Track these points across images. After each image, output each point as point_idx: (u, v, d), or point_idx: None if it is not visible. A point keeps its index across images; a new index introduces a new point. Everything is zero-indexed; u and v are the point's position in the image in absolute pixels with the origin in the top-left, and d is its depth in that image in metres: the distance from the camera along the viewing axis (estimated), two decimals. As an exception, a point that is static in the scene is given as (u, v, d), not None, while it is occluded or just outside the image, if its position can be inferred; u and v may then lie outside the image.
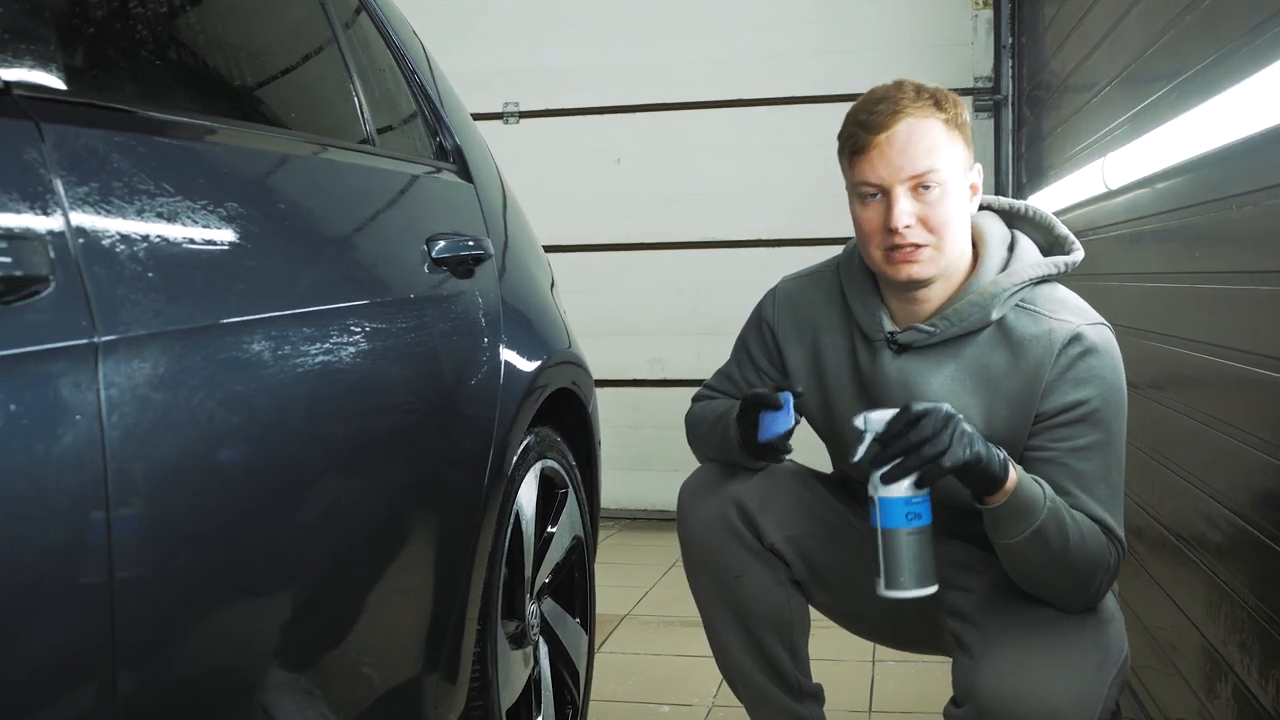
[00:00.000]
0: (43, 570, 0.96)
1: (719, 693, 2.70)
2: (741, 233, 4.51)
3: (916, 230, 1.66)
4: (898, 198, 1.65)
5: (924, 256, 1.67)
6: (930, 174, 1.65)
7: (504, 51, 4.59)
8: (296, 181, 1.48)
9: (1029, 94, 4.01)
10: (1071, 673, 1.62)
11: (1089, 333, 1.69)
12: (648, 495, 4.57)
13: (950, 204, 1.68)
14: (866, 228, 1.70)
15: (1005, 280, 1.72)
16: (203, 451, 1.15)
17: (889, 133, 1.66)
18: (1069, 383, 1.67)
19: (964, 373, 1.74)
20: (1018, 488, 1.59)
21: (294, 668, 1.35)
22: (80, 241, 1.02)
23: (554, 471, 2.20)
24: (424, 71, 2.17)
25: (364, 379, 1.46)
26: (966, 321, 1.72)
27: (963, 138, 1.72)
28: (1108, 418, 1.68)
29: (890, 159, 1.65)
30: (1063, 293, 1.77)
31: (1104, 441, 1.67)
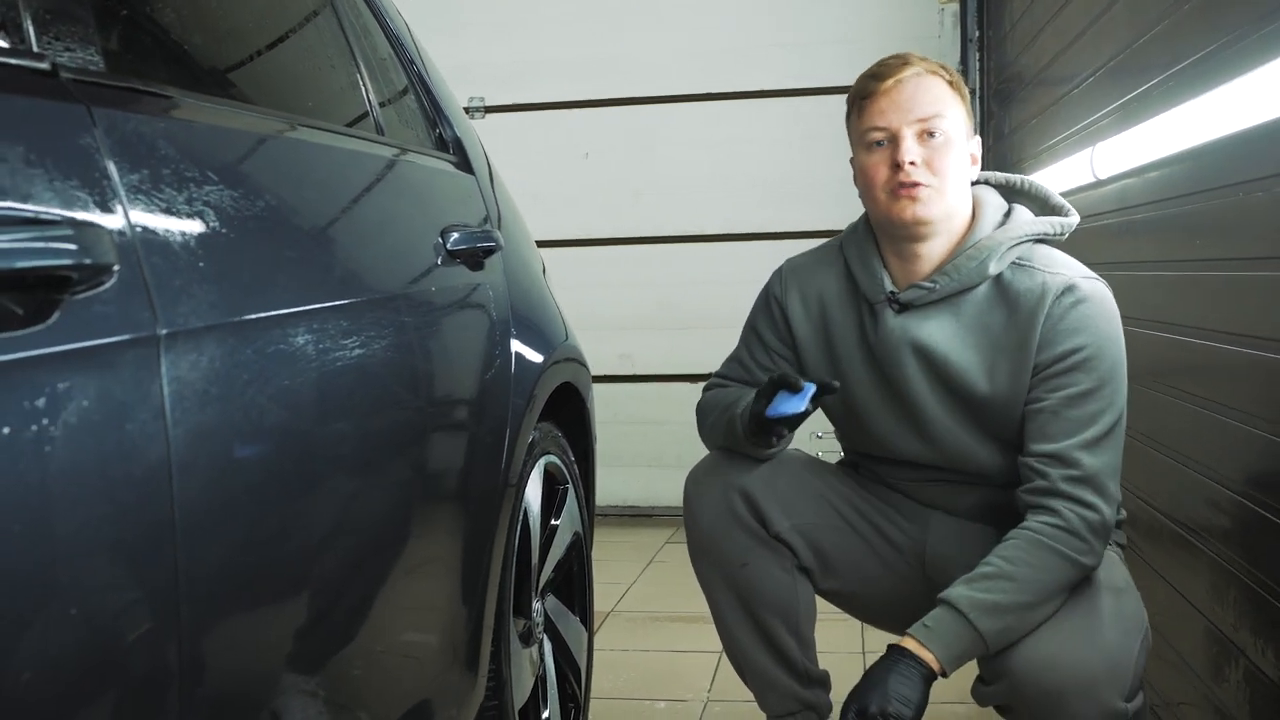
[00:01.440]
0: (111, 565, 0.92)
1: (714, 687, 2.69)
2: (711, 227, 4.50)
3: (921, 170, 1.72)
4: (904, 138, 1.72)
5: (926, 195, 1.72)
6: (936, 120, 1.73)
7: (470, 45, 4.53)
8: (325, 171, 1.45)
9: (997, 88, 4.04)
10: (1101, 641, 1.63)
11: (1082, 284, 1.73)
12: (618, 491, 4.55)
13: (953, 155, 1.74)
14: (872, 173, 1.75)
15: (1001, 235, 1.77)
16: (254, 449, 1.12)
17: (898, 79, 1.74)
18: (1063, 332, 1.71)
19: (965, 329, 1.77)
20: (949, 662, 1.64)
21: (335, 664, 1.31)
22: (138, 230, 0.99)
23: (556, 467, 2.18)
24: (419, 60, 2.13)
25: (396, 373, 1.43)
26: (965, 276, 1.76)
27: (964, 105, 1.79)
28: (1102, 366, 1.71)
29: (899, 103, 1.73)
30: (1058, 253, 1.82)
31: (1098, 389, 1.70)
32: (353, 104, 1.74)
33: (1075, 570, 1.66)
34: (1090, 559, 1.67)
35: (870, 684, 1.63)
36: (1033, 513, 1.69)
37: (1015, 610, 1.63)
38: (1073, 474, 1.68)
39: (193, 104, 1.21)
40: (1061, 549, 1.65)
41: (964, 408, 1.79)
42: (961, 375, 1.76)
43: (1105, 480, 1.69)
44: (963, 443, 1.81)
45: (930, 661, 1.63)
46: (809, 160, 4.33)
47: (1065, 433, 1.69)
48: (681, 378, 4.42)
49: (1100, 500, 1.67)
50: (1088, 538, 1.66)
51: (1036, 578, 1.64)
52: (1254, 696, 1.76)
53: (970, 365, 1.75)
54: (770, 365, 1.93)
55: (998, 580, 1.64)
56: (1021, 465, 1.73)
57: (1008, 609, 1.63)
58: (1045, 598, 1.64)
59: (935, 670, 1.63)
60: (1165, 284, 2.17)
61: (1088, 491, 1.67)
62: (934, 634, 1.64)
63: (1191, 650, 2.06)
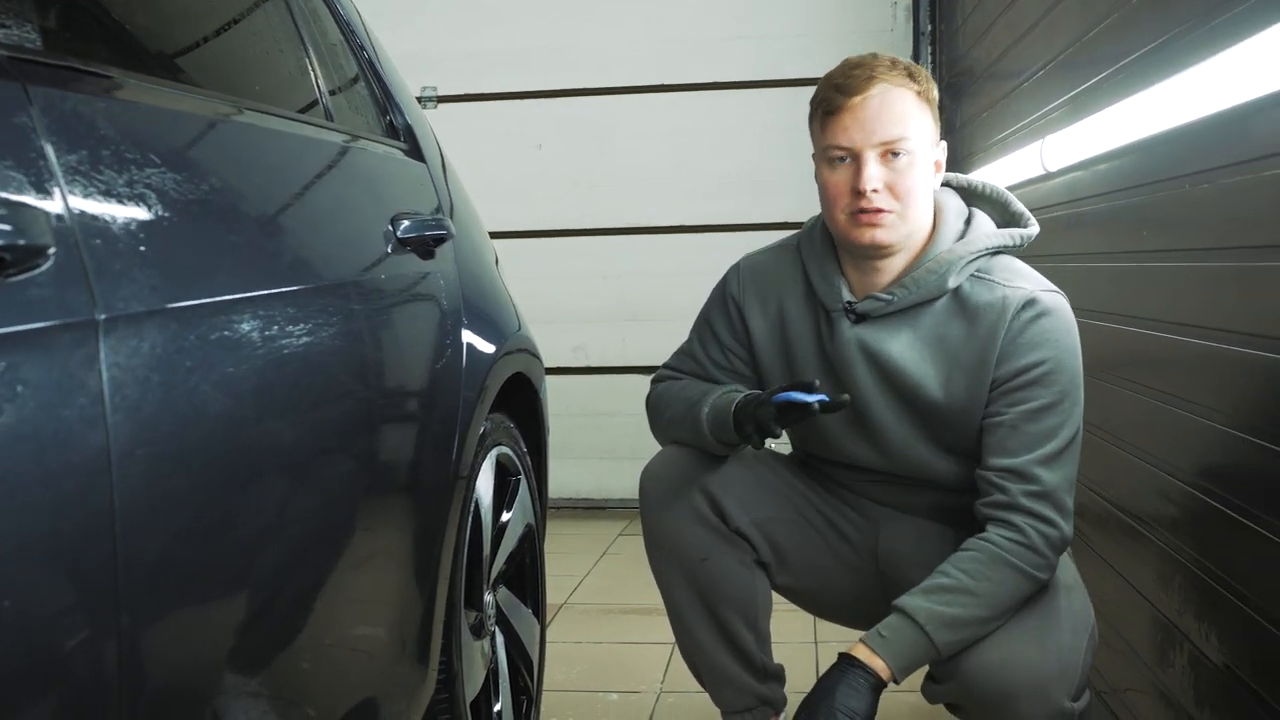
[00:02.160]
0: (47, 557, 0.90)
1: (666, 679, 2.69)
2: (666, 219, 4.49)
3: (883, 195, 1.68)
4: (867, 161, 1.67)
5: (888, 222, 1.69)
6: (900, 141, 1.67)
7: (423, 34, 4.49)
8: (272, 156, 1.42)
9: (949, 82, 4.06)
10: (1053, 643, 1.65)
11: (1043, 298, 1.72)
12: (572, 484, 4.54)
13: (917, 174, 1.70)
14: (833, 191, 1.71)
15: (961, 249, 1.75)
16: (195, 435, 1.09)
17: (863, 96, 1.67)
18: (1023, 346, 1.70)
19: (921, 341, 1.76)
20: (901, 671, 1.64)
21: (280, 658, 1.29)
22: (77, 212, 0.96)
23: (508, 458, 2.16)
24: (370, 47, 2.11)
25: (344, 362, 1.41)
26: (923, 289, 1.74)
27: (931, 112, 1.74)
28: (1061, 380, 1.70)
29: (863, 123, 1.67)
30: (1018, 264, 1.80)
31: (1056, 403, 1.70)
32: (301, 89, 1.72)
33: (1032, 585, 1.67)
34: (1046, 574, 1.68)
35: (819, 695, 1.63)
36: (992, 525, 1.69)
37: (973, 624, 1.64)
38: (1032, 489, 1.67)
39: (135, 85, 1.18)
40: (1021, 565, 1.65)
41: (918, 419, 1.78)
42: (916, 388, 1.75)
43: (1063, 495, 1.69)
44: (916, 453, 1.81)
45: (881, 670, 1.63)
46: (764, 153, 4.33)
47: (1024, 447, 1.69)
48: (635, 370, 4.41)
49: (1059, 516, 1.68)
50: (1046, 554, 1.67)
51: (995, 592, 1.64)
52: (1198, 680, 1.78)
53: (926, 377, 1.74)
54: (725, 363, 1.91)
55: (957, 594, 1.64)
56: (979, 478, 1.73)
57: (966, 623, 1.63)
58: (1002, 612, 1.65)
59: (885, 679, 1.64)
60: (1114, 275, 2.19)
61: (1047, 507, 1.67)
62: (888, 643, 1.64)
63: (1139, 638, 2.08)
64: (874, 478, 1.89)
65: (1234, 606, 1.63)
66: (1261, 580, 1.56)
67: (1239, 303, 1.63)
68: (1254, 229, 1.59)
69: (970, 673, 1.64)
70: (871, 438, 1.83)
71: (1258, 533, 1.54)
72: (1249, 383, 1.60)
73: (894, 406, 1.78)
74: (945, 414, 1.76)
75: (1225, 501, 1.66)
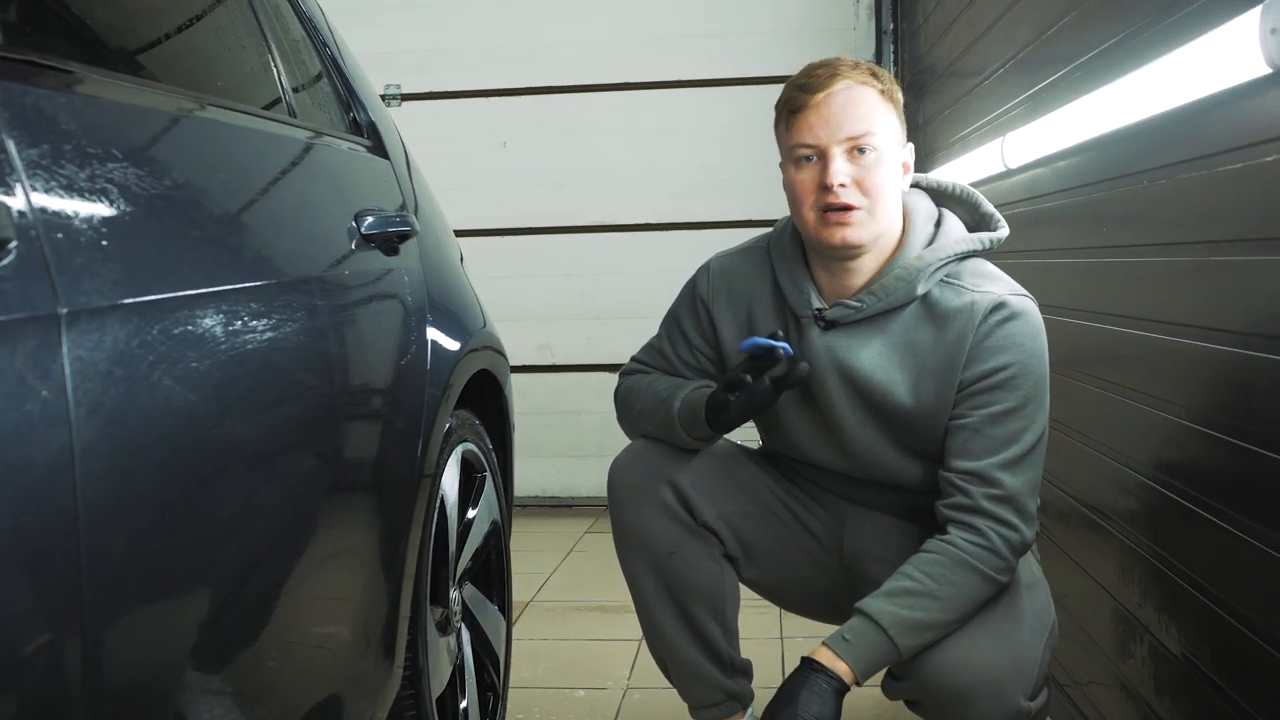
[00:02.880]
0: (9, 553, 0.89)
1: (633, 675, 2.69)
2: (631, 217, 4.50)
3: (851, 191, 1.67)
4: (834, 157, 1.67)
5: (857, 219, 1.68)
6: (866, 137, 1.67)
7: (387, 31, 4.47)
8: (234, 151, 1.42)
9: (911, 80, 4.09)
10: (1011, 642, 1.66)
11: (1012, 302, 1.73)
12: (537, 481, 4.54)
13: (884, 171, 1.70)
14: (800, 190, 1.70)
15: (930, 255, 1.75)
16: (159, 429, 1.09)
17: (827, 93, 1.67)
18: (989, 350, 1.71)
19: (890, 348, 1.76)
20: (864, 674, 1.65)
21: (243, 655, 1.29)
22: (38, 207, 0.96)
23: (474, 455, 2.16)
24: (332, 44, 2.10)
25: (307, 357, 1.41)
26: (892, 296, 1.74)
27: (897, 112, 1.75)
28: (1026, 384, 1.71)
29: (828, 119, 1.67)
30: (988, 267, 1.81)
31: (1020, 407, 1.71)
32: (264, 85, 1.71)
33: (992, 587, 1.68)
34: (1006, 577, 1.70)
35: (783, 700, 1.64)
36: (954, 528, 1.70)
37: (934, 627, 1.65)
38: (994, 493, 1.69)
39: (97, 80, 1.17)
40: (982, 568, 1.67)
41: (886, 425, 1.79)
42: (885, 395, 1.76)
43: (1025, 499, 1.70)
44: (883, 459, 1.82)
45: (844, 674, 1.64)
46: (729, 150, 4.35)
47: (987, 451, 1.70)
48: (600, 368, 4.42)
49: (1020, 520, 1.69)
50: (1007, 556, 1.68)
51: (956, 595, 1.66)
52: (1158, 671, 1.80)
53: (894, 384, 1.75)
54: (693, 361, 1.92)
55: (920, 598, 1.65)
56: (942, 479, 1.74)
57: (927, 626, 1.65)
58: (962, 614, 1.66)
59: (849, 682, 1.65)
60: (1075, 271, 2.22)
61: (1008, 511, 1.69)
62: (852, 647, 1.65)
63: (1100, 630, 2.11)
64: (842, 478, 1.90)
65: (1192, 598, 1.66)
66: (1218, 571, 1.59)
67: (1195, 298, 1.65)
68: (1209, 224, 1.61)
69: (928, 671, 1.66)
70: (838, 443, 1.84)
71: (1215, 524, 1.57)
72: (1206, 376, 1.62)
73: (861, 414, 1.80)
74: (913, 419, 1.77)
75: (1183, 494, 1.69)
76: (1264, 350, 1.44)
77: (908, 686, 1.70)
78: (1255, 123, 1.47)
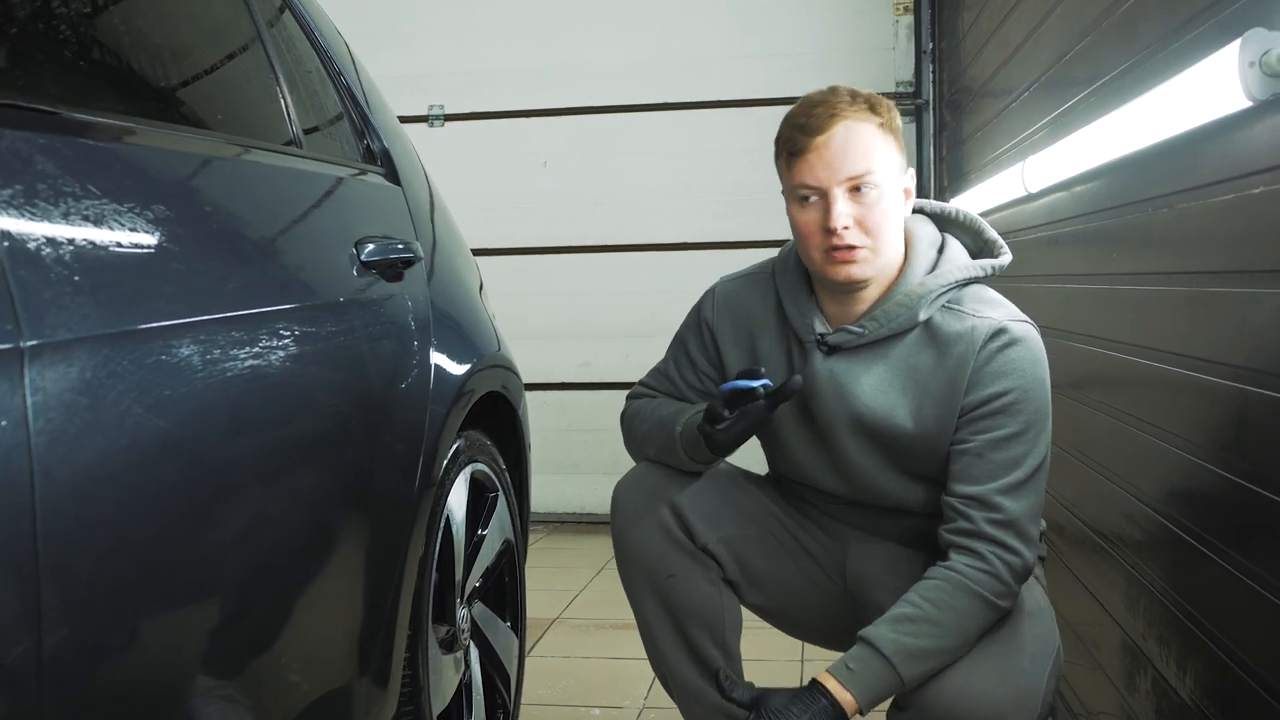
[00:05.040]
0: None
1: (650, 694, 2.70)
2: (667, 236, 4.53)
3: (854, 232, 1.69)
4: (835, 199, 1.68)
5: (861, 257, 1.70)
6: (866, 175, 1.68)
7: (429, 54, 4.56)
8: (222, 184, 1.46)
9: (949, 99, 4.07)
10: (1014, 672, 1.65)
11: (1012, 328, 1.73)
12: (576, 498, 4.57)
13: (886, 206, 1.71)
14: (805, 230, 1.72)
15: (932, 282, 1.76)
16: (130, 458, 1.13)
17: (826, 135, 1.68)
18: (990, 375, 1.71)
19: (892, 373, 1.77)
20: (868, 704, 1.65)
21: (222, 675, 1.32)
22: (4, 244, 1.00)
23: (484, 475, 2.20)
24: (350, 73, 2.15)
25: (292, 383, 1.45)
26: (894, 322, 1.75)
27: (896, 142, 1.75)
28: (1027, 410, 1.71)
29: (828, 161, 1.68)
30: (989, 294, 1.81)
31: (1022, 433, 1.70)
32: (267, 116, 1.76)
33: (995, 613, 1.68)
34: (1008, 602, 1.69)
35: (780, 714, 1.65)
36: (955, 552, 1.70)
37: (937, 654, 1.65)
38: (996, 518, 1.68)
39: (80, 120, 1.22)
40: (984, 594, 1.66)
41: (887, 451, 1.80)
42: (887, 421, 1.76)
43: (1026, 524, 1.70)
44: (883, 483, 1.82)
45: (848, 704, 1.64)
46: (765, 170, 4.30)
47: (989, 475, 1.69)
48: (639, 385, 4.44)
49: (1022, 545, 1.68)
50: (1009, 581, 1.68)
51: (959, 622, 1.65)
52: (1160, 706, 1.78)
53: (896, 409, 1.75)
54: (698, 384, 1.94)
55: (922, 624, 1.65)
56: (944, 504, 1.74)
57: (931, 654, 1.64)
58: (966, 641, 1.66)
59: (851, 712, 1.65)
60: (1089, 297, 2.20)
61: (1010, 536, 1.68)
62: (856, 676, 1.65)
63: (1109, 659, 2.09)
64: (843, 502, 1.91)
65: (1191, 633, 1.64)
66: (1217, 608, 1.57)
67: (1195, 329, 1.64)
68: (1205, 254, 1.60)
69: (931, 703, 1.65)
70: (839, 468, 1.84)
71: (1215, 562, 1.55)
72: (1207, 409, 1.60)
73: (863, 440, 1.80)
74: (914, 444, 1.77)
75: (1185, 528, 1.67)
76: (1254, 384, 1.42)
77: (910, 717, 1.70)
78: (1242, 154, 1.46)
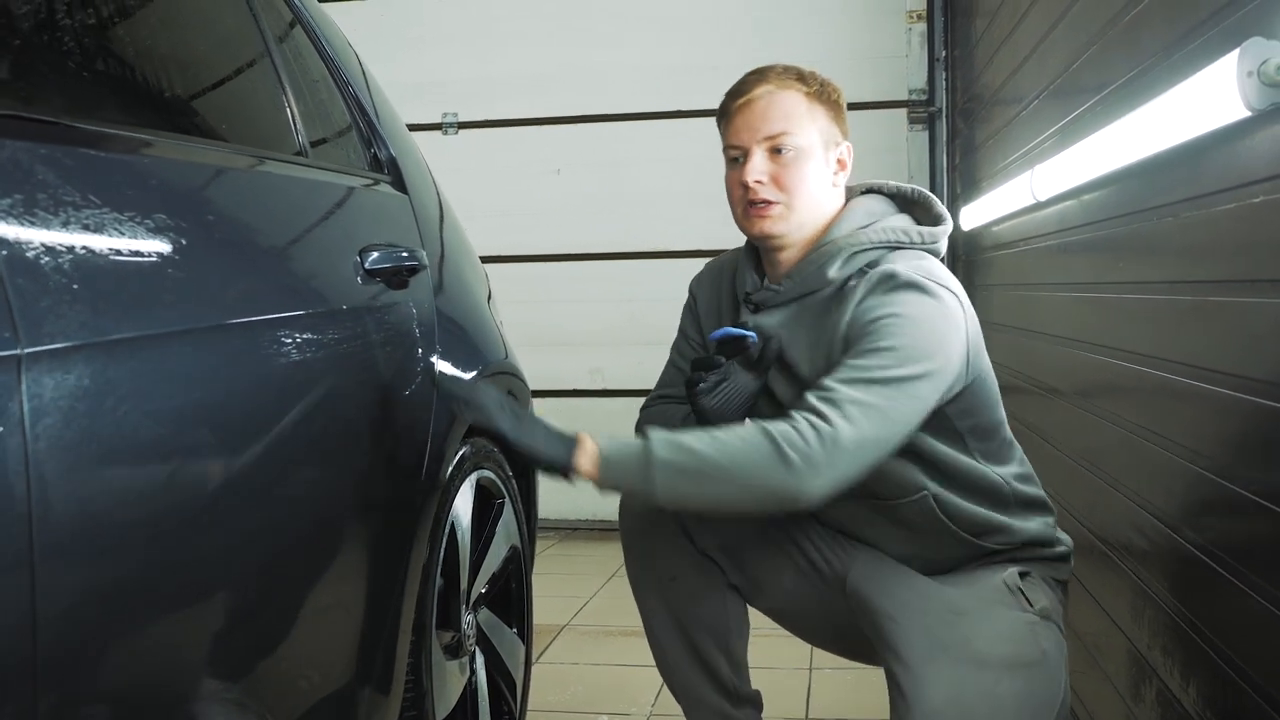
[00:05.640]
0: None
1: (658, 701, 2.71)
2: (680, 243, 4.53)
3: (768, 188, 1.78)
4: (753, 155, 1.78)
5: (774, 213, 1.79)
6: (784, 137, 1.77)
7: (441, 62, 4.58)
8: (225, 193, 1.48)
9: (962, 106, 4.07)
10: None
11: (908, 275, 1.68)
12: (589, 505, 4.56)
13: (804, 169, 1.78)
14: (730, 187, 1.83)
15: (844, 241, 1.79)
16: (128, 464, 1.14)
17: (749, 97, 1.80)
18: (869, 307, 1.68)
19: (803, 328, 1.80)
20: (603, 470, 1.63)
21: (223, 680, 1.33)
22: (3, 253, 1.01)
23: (490, 482, 2.20)
24: (358, 83, 2.17)
25: (294, 390, 1.46)
26: (805, 279, 1.80)
27: (826, 113, 1.81)
28: (901, 335, 1.63)
29: (749, 121, 1.79)
30: (919, 260, 1.76)
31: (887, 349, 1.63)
32: (273, 126, 1.77)
33: (781, 464, 1.57)
34: (800, 460, 1.57)
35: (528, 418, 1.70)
36: None
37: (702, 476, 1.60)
38: (822, 395, 1.62)
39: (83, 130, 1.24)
40: (777, 438, 1.58)
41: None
42: (793, 372, 1.80)
43: (853, 411, 1.59)
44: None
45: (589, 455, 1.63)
46: (779, 178, 4.35)
47: (836, 375, 1.64)
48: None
49: (838, 416, 1.58)
50: (809, 439, 1.58)
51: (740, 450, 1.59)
52: (1165, 717, 1.78)
53: (801, 361, 1.79)
54: (691, 353, 2.00)
55: (701, 436, 1.61)
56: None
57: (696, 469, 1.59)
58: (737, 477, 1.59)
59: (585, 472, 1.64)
60: (1097, 306, 2.20)
61: (825, 405, 1.60)
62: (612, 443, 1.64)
63: (1114, 669, 2.08)
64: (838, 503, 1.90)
65: (1196, 645, 1.63)
66: (1222, 620, 1.57)
67: (1199, 338, 1.64)
68: (1208, 263, 1.60)
69: None
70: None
71: (1220, 574, 1.54)
72: (1213, 419, 1.60)
73: (791, 392, 1.80)
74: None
75: (1191, 540, 1.67)
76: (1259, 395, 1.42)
77: None
78: (1243, 163, 1.46)
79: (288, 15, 2.00)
